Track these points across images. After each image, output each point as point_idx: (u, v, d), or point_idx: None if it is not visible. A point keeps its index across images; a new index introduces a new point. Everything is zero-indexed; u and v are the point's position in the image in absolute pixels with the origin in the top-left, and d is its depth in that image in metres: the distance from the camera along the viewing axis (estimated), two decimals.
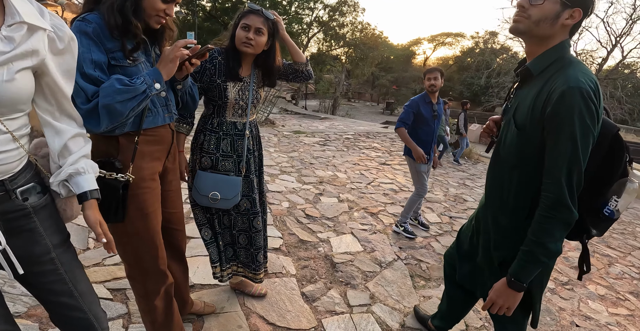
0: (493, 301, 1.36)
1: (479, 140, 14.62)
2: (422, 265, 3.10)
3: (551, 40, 1.25)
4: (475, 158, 9.46)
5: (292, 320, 2.15)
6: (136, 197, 1.37)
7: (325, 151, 7.26)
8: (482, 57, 28.03)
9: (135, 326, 1.90)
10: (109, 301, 2.05)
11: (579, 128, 1.12)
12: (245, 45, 1.75)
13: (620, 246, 4.57)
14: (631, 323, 2.77)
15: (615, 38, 20.35)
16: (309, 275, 2.66)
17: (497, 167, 1.44)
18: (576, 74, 1.15)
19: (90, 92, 1.16)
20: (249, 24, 1.73)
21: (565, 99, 1.12)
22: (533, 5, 1.22)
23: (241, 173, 1.93)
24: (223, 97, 1.80)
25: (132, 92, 1.18)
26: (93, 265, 2.36)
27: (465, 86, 34.58)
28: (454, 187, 6.08)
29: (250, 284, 2.30)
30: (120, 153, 1.34)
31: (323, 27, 29.22)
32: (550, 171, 1.19)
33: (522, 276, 1.28)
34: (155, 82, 1.24)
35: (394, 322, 2.29)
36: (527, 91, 1.30)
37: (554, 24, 1.21)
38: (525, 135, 1.26)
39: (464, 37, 41.71)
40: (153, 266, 1.48)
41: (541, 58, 1.27)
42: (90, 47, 1.18)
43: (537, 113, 1.21)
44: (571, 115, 1.12)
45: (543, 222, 1.21)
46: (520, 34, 1.29)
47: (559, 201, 1.17)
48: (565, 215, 1.17)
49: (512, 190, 1.37)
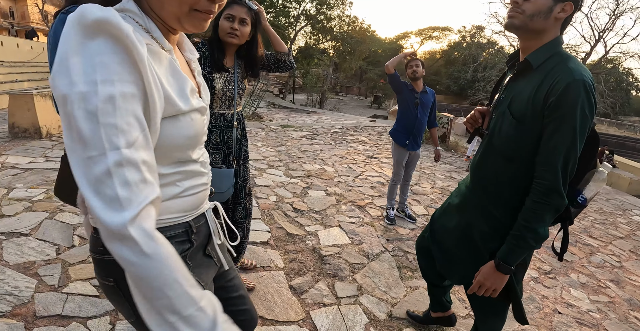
0: (480, 284, 1.40)
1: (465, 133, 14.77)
2: (409, 257, 3.14)
3: (545, 35, 1.29)
4: (461, 152, 9.57)
5: (281, 313, 2.16)
6: None
7: (313, 145, 7.26)
8: (469, 51, 28.20)
9: (122, 322, 1.89)
10: (96, 298, 2.03)
11: (580, 119, 1.17)
12: (230, 36, 1.75)
13: (602, 236, 4.70)
14: (611, 310, 2.86)
15: (599, 33, 20.71)
16: (297, 268, 2.68)
17: (491, 158, 1.45)
18: (579, 68, 1.20)
19: None
20: (233, 14, 1.73)
21: (570, 91, 1.16)
22: (526, 0, 1.26)
23: (232, 165, 1.94)
24: (210, 89, 1.79)
25: None
26: (79, 262, 2.33)
27: (452, 80, 34.84)
28: (440, 180, 6.15)
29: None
30: None
31: (310, 21, 28.98)
32: (547, 159, 1.22)
33: (511, 260, 1.32)
34: None
35: (381, 313, 2.32)
36: (524, 84, 1.32)
37: (547, 18, 1.25)
38: (524, 126, 1.29)
39: (451, 31, 41.82)
40: None
41: (540, 51, 1.30)
42: None
43: (539, 105, 1.24)
44: (575, 106, 1.16)
45: (536, 208, 1.25)
46: (516, 29, 1.31)
47: (553, 188, 1.21)
48: (557, 202, 1.22)
49: (506, 183, 1.39)
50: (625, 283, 3.41)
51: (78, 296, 2.03)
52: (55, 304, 1.94)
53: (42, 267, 2.22)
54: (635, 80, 31.78)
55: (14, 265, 2.20)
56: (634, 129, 26.81)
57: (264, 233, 3.10)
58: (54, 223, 2.76)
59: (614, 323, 2.67)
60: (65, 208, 2.99)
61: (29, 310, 1.87)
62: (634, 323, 2.72)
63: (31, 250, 2.38)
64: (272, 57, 2.01)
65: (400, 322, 2.26)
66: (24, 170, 3.83)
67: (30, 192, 3.25)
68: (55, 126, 5.58)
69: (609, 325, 2.63)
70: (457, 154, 9.26)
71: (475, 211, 1.53)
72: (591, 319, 2.66)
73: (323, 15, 28.98)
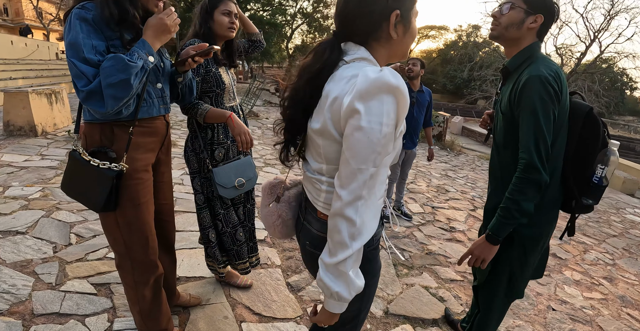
0: (471, 253, 1.53)
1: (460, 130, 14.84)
2: (405, 254, 3.16)
3: (522, 42, 1.50)
4: (457, 150, 9.62)
5: (278, 310, 2.17)
6: (129, 188, 1.38)
7: None
8: (465, 50, 28.35)
9: (120, 320, 1.90)
10: (93, 296, 2.04)
11: (539, 105, 1.34)
12: (230, 30, 1.86)
13: (596, 234, 4.75)
14: (604, 307, 2.89)
15: (594, 33, 20.77)
16: (294, 266, 2.69)
17: (495, 151, 1.65)
18: (538, 66, 1.39)
19: (91, 74, 1.16)
20: (230, 9, 1.84)
21: (527, 84, 1.37)
22: (503, 14, 1.50)
23: (247, 153, 2.05)
24: (221, 84, 1.86)
25: (134, 67, 1.17)
26: (76, 260, 2.33)
27: (449, 79, 34.92)
28: (436, 178, 6.19)
29: (236, 275, 2.32)
30: (114, 143, 1.34)
31: (307, 19, 28.96)
32: (521, 142, 1.40)
33: (498, 231, 1.45)
34: (147, 54, 1.25)
35: (378, 310, 2.34)
36: (507, 86, 1.54)
37: (519, 28, 1.47)
38: (507, 119, 1.49)
39: (448, 30, 41.94)
40: (143, 256, 1.49)
41: (515, 58, 1.52)
42: (90, 33, 1.19)
43: (512, 101, 1.44)
44: (532, 95, 1.35)
45: (517, 183, 1.40)
46: (495, 38, 1.56)
47: (529, 164, 1.36)
48: (535, 176, 1.36)
49: (505, 168, 1.55)
50: (619, 280, 3.45)
51: (76, 294, 2.03)
52: (52, 302, 1.94)
53: (39, 265, 2.22)
54: (630, 80, 31.97)
55: (10, 264, 2.20)
56: (628, 128, 27.03)
57: (261, 231, 3.11)
58: (50, 221, 2.76)
59: (607, 319, 2.70)
60: (61, 207, 2.98)
61: (27, 308, 1.88)
62: (626, 319, 2.75)
63: (28, 249, 2.37)
64: (244, 43, 2.16)
65: (396, 319, 2.28)
66: (19, 169, 3.82)
67: (26, 190, 3.24)
68: (50, 124, 5.56)
69: (602, 321, 2.66)
70: (453, 153, 9.31)
71: (492, 200, 1.66)
72: (585, 316, 2.69)
73: (320, 14, 28.96)
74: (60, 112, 5.86)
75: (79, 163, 1.33)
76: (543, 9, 1.44)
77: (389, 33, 0.91)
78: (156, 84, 1.44)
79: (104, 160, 1.31)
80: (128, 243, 1.44)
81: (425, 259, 3.14)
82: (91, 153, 1.32)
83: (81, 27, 1.17)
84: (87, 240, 2.59)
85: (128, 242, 1.44)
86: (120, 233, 1.42)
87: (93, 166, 1.29)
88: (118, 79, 1.14)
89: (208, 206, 2.01)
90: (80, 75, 1.16)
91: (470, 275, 2.96)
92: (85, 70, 1.16)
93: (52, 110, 5.66)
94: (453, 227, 4.03)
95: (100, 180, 1.29)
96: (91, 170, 1.30)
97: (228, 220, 2.03)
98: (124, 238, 1.44)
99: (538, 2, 1.44)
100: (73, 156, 1.35)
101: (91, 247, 2.50)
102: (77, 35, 1.16)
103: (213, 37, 1.85)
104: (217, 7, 1.82)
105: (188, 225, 3.03)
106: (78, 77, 1.16)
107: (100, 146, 1.33)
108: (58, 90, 5.89)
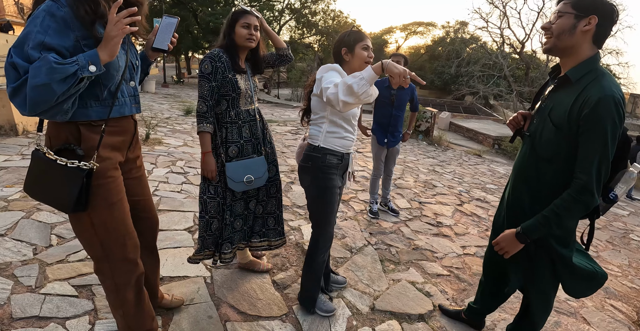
0: (498, 243, 1.62)
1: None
2: (391, 250, 3.17)
3: (578, 50, 1.45)
4: (445, 146, 9.69)
5: (263, 308, 2.16)
6: (101, 187, 1.34)
7: (297, 140, 7.24)
8: (453, 46, 28.40)
9: (102, 322, 1.86)
10: (74, 298, 2.00)
11: (610, 128, 1.34)
12: (249, 41, 2.05)
13: (579, 227, 4.81)
14: (588, 298, 2.94)
15: None
16: (280, 263, 2.68)
17: (532, 159, 1.62)
18: (609, 84, 1.37)
19: (23, 70, 1.08)
20: (249, 22, 2.03)
21: (600, 105, 1.33)
22: (552, 24, 1.47)
23: (261, 153, 2.22)
24: (236, 89, 2.04)
25: (61, 72, 1.08)
26: (57, 262, 2.29)
27: (437, 75, 35.06)
28: (423, 174, 6.22)
29: (257, 262, 2.52)
30: (83, 142, 1.30)
31: (295, 15, 28.77)
32: (582, 162, 1.40)
33: (530, 233, 1.51)
34: (90, 63, 1.15)
35: (364, 306, 2.34)
36: (564, 95, 1.49)
37: (572, 34, 1.42)
38: (562, 133, 1.46)
39: (435, 26, 42.00)
40: (121, 255, 1.45)
41: (578, 68, 1.46)
42: (49, 30, 1.11)
43: (574, 115, 1.40)
44: (605, 118, 1.33)
45: (568, 200, 1.42)
46: (549, 51, 1.52)
47: (586, 187, 1.38)
48: (587, 199, 1.39)
49: (547, 182, 1.56)
50: None
51: (56, 296, 1.99)
52: (32, 305, 1.90)
53: (18, 268, 2.17)
54: (614, 75, 32.52)
55: None
56: None
57: None
58: (30, 222, 2.70)
59: (591, 311, 2.75)
60: (42, 207, 2.92)
61: (5, 312, 1.83)
62: (610, 310, 2.80)
63: (7, 251, 2.32)
64: (273, 55, 2.32)
65: (382, 315, 2.29)
66: None
67: (6, 191, 3.16)
68: (32, 123, 5.44)
69: (586, 313, 2.71)
70: (441, 148, 9.37)
71: (523, 207, 1.67)
72: (569, 307, 2.73)
73: (307, 9, 28.82)
74: None
75: (43, 163, 1.27)
76: (594, 9, 1.38)
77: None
78: (130, 82, 1.40)
79: (71, 158, 1.26)
80: (105, 243, 1.41)
81: (412, 254, 3.15)
82: (56, 152, 1.26)
83: (42, 21, 1.11)
84: (68, 241, 2.54)
85: (105, 242, 1.41)
86: (96, 234, 1.39)
87: (60, 165, 1.24)
88: (40, 82, 1.05)
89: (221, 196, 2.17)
90: (10, 70, 1.08)
91: (456, 270, 2.98)
92: (19, 63, 1.08)
93: None
94: (440, 222, 4.06)
95: (69, 180, 1.24)
96: (58, 169, 1.25)
97: (233, 211, 2.19)
98: (100, 239, 1.40)
99: (586, 4, 1.39)
100: (36, 156, 1.29)
101: (72, 248, 2.45)
102: (33, 29, 1.10)
103: (235, 47, 2.06)
104: (238, 20, 2.02)
105: (172, 224, 2.99)
106: (9, 70, 1.08)
107: (66, 143, 1.27)
108: None
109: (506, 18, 20.60)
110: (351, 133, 1.98)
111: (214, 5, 24.27)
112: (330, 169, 1.95)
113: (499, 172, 7.82)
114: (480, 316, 2.25)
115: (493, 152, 11.07)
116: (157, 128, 6.67)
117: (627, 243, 4.48)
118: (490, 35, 24.30)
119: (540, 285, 1.72)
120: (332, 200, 1.99)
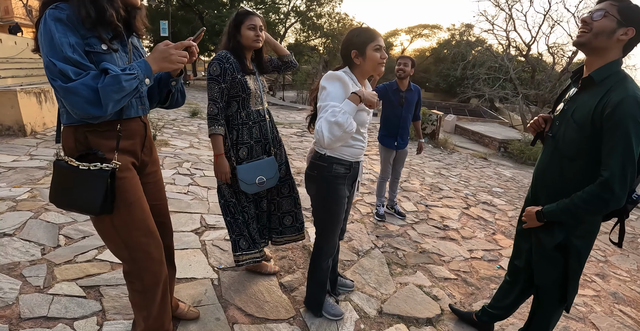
0: (525, 215, 1.74)
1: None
2: (398, 253, 3.15)
3: (607, 53, 1.48)
4: (450, 148, 9.65)
5: (271, 311, 2.15)
6: (117, 188, 1.35)
7: (302, 142, 7.24)
8: (458, 49, 28.28)
9: (109, 323, 1.86)
10: (82, 299, 2.00)
11: (633, 127, 1.36)
12: (256, 42, 2.06)
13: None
14: (597, 303, 2.91)
15: None
16: (287, 266, 2.67)
17: (555, 158, 1.66)
18: (633, 87, 1.42)
19: (72, 73, 1.15)
20: (255, 24, 2.03)
21: (623, 104, 1.37)
22: (594, 20, 1.46)
23: (270, 153, 2.23)
24: (246, 89, 2.06)
25: (127, 90, 1.20)
26: (64, 262, 2.29)
27: (442, 78, 34.99)
28: (429, 177, 6.20)
29: (265, 265, 2.50)
30: (100, 146, 1.33)
31: (300, 17, 28.86)
32: (605, 160, 1.43)
33: (549, 216, 1.61)
34: (146, 77, 1.26)
35: (371, 309, 2.33)
36: (587, 97, 1.53)
37: (609, 38, 1.44)
38: (585, 133, 1.50)
39: (441, 29, 41.92)
40: (147, 256, 1.45)
41: (603, 69, 1.49)
42: (67, 32, 1.17)
43: (598, 115, 1.44)
44: (627, 117, 1.36)
45: (590, 193, 1.46)
46: (581, 45, 1.52)
47: (607, 183, 1.40)
48: (607, 196, 1.41)
49: (571, 178, 1.59)
50: (610, 277, 3.47)
51: (64, 297, 1.99)
52: (40, 305, 1.90)
53: (26, 268, 2.18)
54: None
55: None
56: None
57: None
58: (38, 223, 2.71)
59: (600, 316, 2.72)
60: (50, 208, 2.93)
61: (14, 312, 1.84)
62: (619, 316, 2.77)
63: (15, 251, 2.33)
64: (276, 61, 2.35)
65: (390, 318, 2.27)
66: (7, 169, 3.76)
67: (14, 191, 3.18)
68: (40, 124, 5.48)
69: (594, 318, 2.67)
70: (446, 151, 9.33)
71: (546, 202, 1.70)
72: (577, 312, 2.70)
73: (313, 12, 28.89)
74: (50, 111, 5.76)
75: (66, 171, 1.30)
76: (636, 22, 1.41)
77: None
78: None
79: (94, 161, 1.29)
80: (129, 244, 1.42)
81: (418, 258, 3.13)
82: (78, 158, 1.30)
83: (57, 27, 1.15)
84: (76, 242, 2.55)
85: (128, 243, 1.42)
86: (118, 235, 1.40)
87: (83, 170, 1.27)
88: (110, 100, 1.17)
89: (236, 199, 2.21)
90: (60, 74, 1.14)
91: (464, 274, 2.96)
92: (64, 68, 1.13)
93: (42, 109, 5.56)
94: (446, 225, 4.03)
95: (94, 182, 1.27)
96: (81, 174, 1.28)
97: (246, 212, 2.23)
98: (124, 241, 1.41)
99: (633, 15, 1.41)
100: (58, 165, 1.31)
101: (80, 248, 2.46)
102: (54, 35, 1.14)
103: (241, 49, 2.07)
104: (243, 23, 2.03)
105: (179, 226, 2.99)
106: (57, 76, 1.14)
107: (87, 148, 1.31)
108: (48, 89, 5.79)
109: (512, 20, 20.48)
110: (360, 141, 1.87)
111: (219, 8, 24.40)
112: (336, 179, 1.86)
113: (505, 175, 7.77)
114: (495, 319, 2.21)
115: (499, 155, 11.00)
116: (163, 130, 6.70)
117: (635, 248, 4.44)
118: (496, 38, 24.24)
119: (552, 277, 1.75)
120: (337, 211, 1.91)
